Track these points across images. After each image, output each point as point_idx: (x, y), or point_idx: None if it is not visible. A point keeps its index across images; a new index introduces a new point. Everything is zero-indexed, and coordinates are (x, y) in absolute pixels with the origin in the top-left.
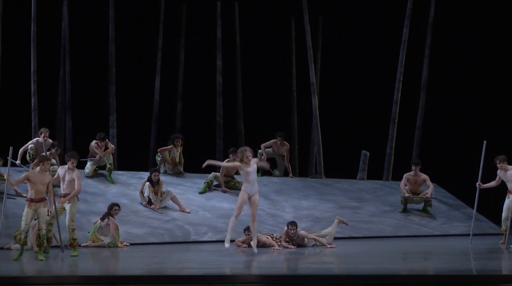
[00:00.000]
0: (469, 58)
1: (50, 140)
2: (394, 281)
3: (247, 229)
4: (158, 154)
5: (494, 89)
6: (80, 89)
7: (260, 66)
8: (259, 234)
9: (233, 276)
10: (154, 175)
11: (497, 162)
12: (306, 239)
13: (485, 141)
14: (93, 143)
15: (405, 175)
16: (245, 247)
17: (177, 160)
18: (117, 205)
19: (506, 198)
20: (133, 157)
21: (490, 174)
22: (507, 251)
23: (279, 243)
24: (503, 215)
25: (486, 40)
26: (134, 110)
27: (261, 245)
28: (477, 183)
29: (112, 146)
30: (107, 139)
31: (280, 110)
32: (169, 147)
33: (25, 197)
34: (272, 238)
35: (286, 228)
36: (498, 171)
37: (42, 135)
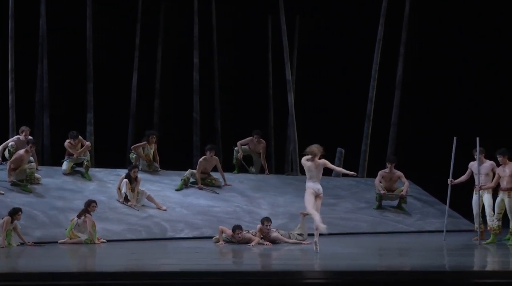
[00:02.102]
0: (444, 56)
1: (31, 138)
2: (371, 277)
3: (238, 228)
4: (132, 151)
5: (468, 87)
6: (57, 87)
7: (236, 63)
8: (246, 232)
9: (211, 273)
10: (134, 172)
11: (475, 153)
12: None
13: (455, 138)
14: (67, 142)
15: (380, 172)
16: (222, 244)
17: (151, 156)
18: (94, 201)
19: (474, 194)
20: (111, 154)
21: (463, 170)
22: (480, 247)
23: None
24: (474, 212)
25: (461, 39)
26: (111, 107)
27: (247, 241)
28: (449, 180)
29: (88, 143)
30: (80, 137)
31: (257, 108)
32: (142, 143)
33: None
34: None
35: (260, 224)
36: (471, 164)
37: (23, 133)
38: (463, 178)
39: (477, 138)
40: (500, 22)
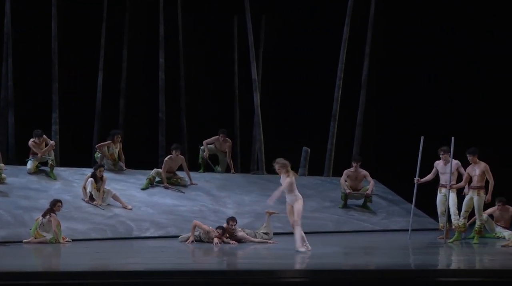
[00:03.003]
0: (409, 56)
1: None
2: (336, 276)
3: (222, 228)
4: (97, 151)
5: (434, 86)
6: (22, 86)
7: (202, 63)
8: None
9: (176, 272)
10: (100, 171)
11: (441, 153)
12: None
13: (422, 137)
14: (31, 141)
15: (345, 171)
16: (191, 242)
17: (116, 156)
18: (60, 201)
19: (438, 193)
20: (76, 153)
21: (429, 169)
22: (445, 246)
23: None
24: (439, 210)
25: (426, 38)
26: (76, 107)
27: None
28: (415, 179)
29: (52, 142)
30: (44, 136)
31: (223, 107)
32: (107, 142)
33: None
34: None
35: (226, 224)
36: (436, 162)
37: None
38: (428, 177)
39: (452, 138)
40: (466, 20)
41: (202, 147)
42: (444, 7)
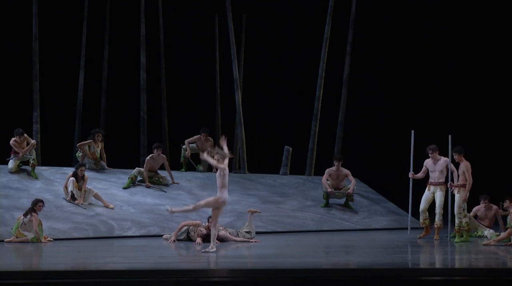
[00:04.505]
0: (390, 54)
1: None
2: (318, 275)
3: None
4: (78, 150)
5: (415, 85)
6: (3, 85)
7: (184, 62)
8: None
9: (157, 271)
10: (81, 170)
11: (430, 151)
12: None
13: (413, 131)
14: (12, 140)
15: (327, 170)
16: (173, 241)
17: (98, 155)
18: (41, 201)
19: (426, 190)
20: (57, 152)
21: (415, 165)
22: (427, 245)
23: None
24: (421, 207)
25: (406, 37)
26: (57, 106)
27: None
28: (410, 173)
29: (33, 141)
30: (26, 135)
31: (204, 106)
32: (88, 141)
33: None
34: None
35: (207, 223)
36: (426, 161)
37: None
38: (419, 175)
39: (449, 136)
40: (447, 17)
41: (183, 146)
42: (425, 4)
